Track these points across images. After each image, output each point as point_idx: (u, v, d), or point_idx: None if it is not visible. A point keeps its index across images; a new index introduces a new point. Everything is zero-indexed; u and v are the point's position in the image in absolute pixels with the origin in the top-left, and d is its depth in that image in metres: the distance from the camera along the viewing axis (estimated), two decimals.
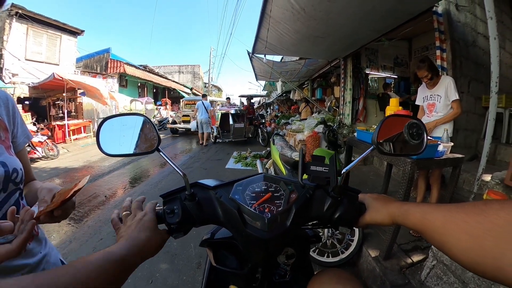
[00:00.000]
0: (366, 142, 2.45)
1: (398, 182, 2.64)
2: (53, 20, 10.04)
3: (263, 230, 0.58)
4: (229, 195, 0.64)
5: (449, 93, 2.55)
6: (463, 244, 0.37)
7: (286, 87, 11.63)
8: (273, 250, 0.65)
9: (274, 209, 0.60)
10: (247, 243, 0.64)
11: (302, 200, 0.62)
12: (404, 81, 6.34)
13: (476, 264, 0.36)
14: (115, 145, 0.68)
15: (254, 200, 0.62)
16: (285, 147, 2.93)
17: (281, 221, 0.59)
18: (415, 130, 0.66)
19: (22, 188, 0.69)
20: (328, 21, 3.62)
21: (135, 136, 0.70)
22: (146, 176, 5.45)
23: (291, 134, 6.50)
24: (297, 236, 0.77)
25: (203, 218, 0.65)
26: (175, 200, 0.64)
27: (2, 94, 0.72)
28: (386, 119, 0.66)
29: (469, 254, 0.37)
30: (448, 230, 0.40)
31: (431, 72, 2.61)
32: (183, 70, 28.23)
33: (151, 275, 2.24)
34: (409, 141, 0.66)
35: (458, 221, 0.39)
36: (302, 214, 0.62)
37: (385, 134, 0.65)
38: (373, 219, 0.59)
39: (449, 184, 2.27)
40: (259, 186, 0.66)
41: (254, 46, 5.13)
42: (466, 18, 3.79)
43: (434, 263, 1.69)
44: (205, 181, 0.70)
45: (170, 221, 0.61)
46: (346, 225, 0.63)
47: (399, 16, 3.51)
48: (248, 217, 0.60)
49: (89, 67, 14.18)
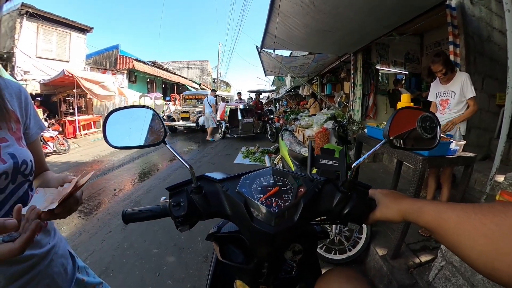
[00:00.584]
0: (377, 139, 2.40)
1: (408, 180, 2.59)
2: (63, 18, 10.18)
3: (270, 224, 0.57)
4: (236, 188, 0.63)
5: (465, 90, 2.47)
6: (478, 246, 0.36)
7: (295, 82, 11.53)
8: (280, 245, 0.64)
9: (282, 204, 0.59)
10: (253, 237, 0.64)
11: (311, 195, 0.61)
12: (415, 77, 6.21)
13: (491, 268, 0.34)
14: (121, 137, 0.68)
15: (261, 194, 0.61)
16: (294, 143, 2.91)
17: (289, 216, 0.58)
18: (428, 123, 0.63)
19: (31, 180, 0.69)
20: (337, 15, 3.56)
21: (141, 129, 0.69)
22: (155, 170, 5.51)
23: (300, 129, 6.45)
24: (304, 231, 0.76)
25: (210, 211, 0.64)
26: (181, 193, 0.63)
27: (14, 86, 0.72)
28: (398, 111, 0.64)
29: (484, 257, 0.35)
30: (464, 231, 0.38)
31: (446, 67, 2.53)
32: (192, 66, 28.27)
33: (159, 267, 2.27)
34: (422, 134, 0.63)
35: (474, 222, 0.37)
36: (310, 209, 0.61)
37: (397, 127, 0.63)
38: (383, 215, 0.57)
39: (460, 184, 2.21)
40: (267, 179, 0.65)
41: (263, 41, 5.10)
42: (481, 12, 3.66)
43: (442, 264, 1.66)
44: (212, 174, 0.69)
45: (176, 214, 0.60)
46: (356, 221, 0.61)
47: (410, 10, 3.42)
48: (255, 211, 0.59)
49: (99, 64, 14.34)
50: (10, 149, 0.62)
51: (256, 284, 0.72)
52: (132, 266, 2.29)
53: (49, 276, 0.68)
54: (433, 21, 4.36)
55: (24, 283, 0.61)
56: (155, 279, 2.12)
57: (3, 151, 0.60)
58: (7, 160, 0.60)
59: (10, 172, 0.60)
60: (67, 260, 0.80)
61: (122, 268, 2.26)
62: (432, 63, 2.60)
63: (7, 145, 0.62)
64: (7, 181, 0.60)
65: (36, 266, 0.65)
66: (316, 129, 5.45)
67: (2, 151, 0.60)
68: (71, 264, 0.82)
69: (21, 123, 0.71)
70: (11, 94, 0.70)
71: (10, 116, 0.65)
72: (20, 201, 0.64)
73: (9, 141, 0.63)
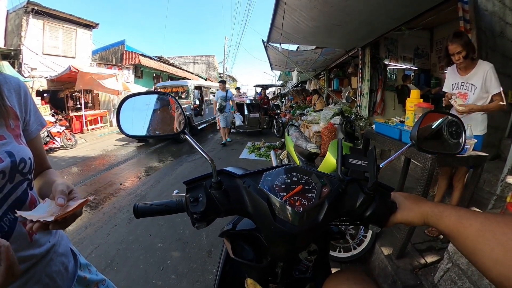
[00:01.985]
0: (385, 135, 2.35)
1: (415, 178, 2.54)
2: (68, 15, 10.25)
3: (294, 224, 0.55)
4: (258, 185, 0.60)
5: (489, 84, 2.10)
6: (495, 255, 0.36)
7: (302, 77, 11.42)
8: (300, 245, 0.63)
9: (306, 203, 0.56)
10: (273, 236, 0.61)
11: (335, 195, 0.59)
12: (424, 73, 6.06)
13: (505, 278, 0.34)
14: (136, 125, 0.65)
15: (284, 192, 0.58)
16: (300, 138, 2.87)
17: (313, 216, 0.56)
18: (455, 128, 0.62)
19: (31, 178, 0.68)
20: (345, 8, 3.48)
21: (159, 117, 0.66)
22: (161, 165, 5.54)
23: (306, 125, 6.41)
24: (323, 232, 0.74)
25: (229, 208, 0.61)
26: (199, 188, 0.60)
27: (14, 81, 0.71)
28: (426, 114, 0.62)
29: (500, 267, 0.35)
30: (484, 238, 0.38)
31: (466, 49, 2.10)
32: (198, 61, 28.27)
33: (162, 261, 2.29)
34: (448, 139, 0.62)
35: (496, 230, 0.37)
36: (333, 210, 0.59)
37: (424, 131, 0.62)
38: (404, 218, 0.56)
39: (470, 184, 2.15)
40: (290, 177, 0.62)
41: (269, 35, 5.04)
42: (494, 7, 3.54)
43: (449, 266, 1.62)
44: (231, 169, 0.67)
45: (194, 210, 0.57)
46: (377, 224, 0.59)
47: (421, 3, 3.32)
48: (278, 210, 0.57)
49: (105, 59, 14.39)
50: (8, 147, 0.61)
51: (267, 283, 0.71)
52: (136, 259, 2.31)
53: (48, 275, 0.67)
54: (444, 15, 4.23)
55: (21, 284, 0.60)
56: (159, 273, 2.14)
57: (0, 149, 0.59)
58: (4, 158, 0.58)
59: (8, 171, 0.59)
60: (68, 258, 0.79)
61: (127, 262, 2.28)
62: (450, 42, 2.16)
63: (4, 143, 0.60)
64: (5, 180, 0.58)
65: (35, 266, 0.64)
66: (323, 124, 5.40)
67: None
68: (73, 262, 0.81)
69: (20, 120, 0.70)
70: (10, 90, 0.68)
71: (8, 113, 0.64)
72: (18, 201, 0.62)
73: (7, 138, 0.62)
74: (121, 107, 0.63)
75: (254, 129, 9.22)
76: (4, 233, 0.57)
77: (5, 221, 0.58)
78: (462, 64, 2.18)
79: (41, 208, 0.57)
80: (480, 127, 2.23)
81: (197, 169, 5.04)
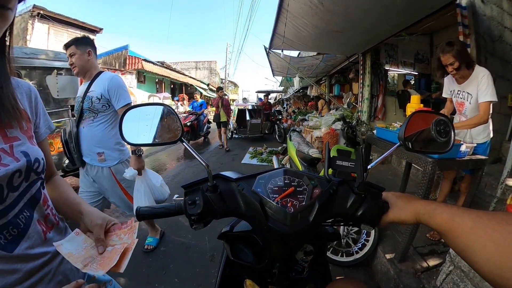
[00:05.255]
0: (387, 140, 2.36)
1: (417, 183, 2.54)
2: (73, 19, 10.41)
3: (286, 224, 0.57)
4: (251, 188, 0.64)
5: (479, 91, 1.98)
6: (487, 252, 0.36)
7: (303, 82, 11.47)
8: (293, 245, 0.65)
9: (297, 204, 0.59)
10: (267, 237, 0.64)
11: (326, 196, 0.61)
12: (425, 78, 6.09)
13: (497, 275, 0.34)
14: (138, 134, 0.69)
15: (276, 194, 0.62)
16: (302, 144, 2.89)
17: (304, 216, 0.59)
18: (443, 127, 0.63)
19: (43, 178, 0.70)
20: (347, 15, 3.53)
21: (158, 126, 0.70)
22: (164, 169, 5.55)
23: (308, 130, 6.43)
24: (317, 233, 0.76)
25: (225, 210, 0.64)
26: (197, 191, 0.63)
27: (25, 85, 0.74)
28: (413, 114, 0.64)
29: (492, 263, 0.35)
30: (476, 236, 0.38)
31: (459, 60, 1.96)
32: (200, 66, 28.42)
33: (165, 265, 2.29)
34: (436, 138, 0.63)
35: (487, 228, 0.37)
36: (325, 210, 0.61)
37: (411, 130, 0.63)
38: (396, 217, 0.57)
39: (470, 187, 2.17)
40: (282, 180, 0.66)
41: (271, 42, 5.10)
42: (492, 11, 3.57)
43: (451, 268, 1.63)
44: (227, 173, 0.70)
45: (191, 212, 0.61)
46: (369, 223, 0.61)
47: (420, 10, 3.37)
48: (270, 211, 0.59)
49: (108, 64, 14.47)
50: (23, 147, 0.63)
51: (266, 284, 0.73)
52: (139, 263, 2.32)
53: (62, 273, 0.69)
54: (443, 20, 4.27)
55: (37, 280, 0.62)
56: (162, 277, 2.15)
57: (16, 149, 0.61)
58: (20, 158, 0.61)
59: (24, 170, 0.61)
60: None
61: (129, 266, 2.28)
62: (442, 53, 2.03)
63: (19, 144, 0.63)
64: (21, 178, 0.61)
65: (49, 263, 0.66)
66: (325, 130, 5.42)
67: (15, 149, 0.61)
68: None
69: (32, 122, 0.73)
70: (21, 93, 0.71)
71: (21, 115, 0.66)
72: (33, 199, 0.65)
73: (21, 139, 0.64)
74: (123, 118, 0.67)
75: (256, 134, 9.25)
76: (20, 229, 0.59)
77: (21, 218, 0.60)
78: (456, 75, 2.08)
79: (75, 242, 0.63)
80: (483, 135, 2.17)
81: (200, 174, 5.06)
